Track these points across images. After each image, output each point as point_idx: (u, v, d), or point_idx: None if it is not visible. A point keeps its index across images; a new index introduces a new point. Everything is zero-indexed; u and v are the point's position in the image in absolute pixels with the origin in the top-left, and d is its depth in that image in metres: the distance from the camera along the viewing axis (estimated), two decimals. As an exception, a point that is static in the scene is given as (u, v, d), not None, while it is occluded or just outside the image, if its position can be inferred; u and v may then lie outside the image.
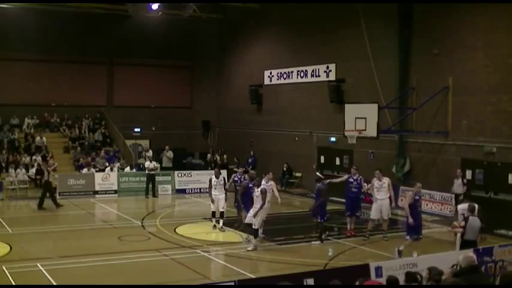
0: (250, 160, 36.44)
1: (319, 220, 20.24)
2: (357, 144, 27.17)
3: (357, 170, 21.94)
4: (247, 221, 19.53)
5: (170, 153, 36.65)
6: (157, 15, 40.52)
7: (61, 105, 39.80)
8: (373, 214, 20.96)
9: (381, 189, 20.82)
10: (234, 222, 22.26)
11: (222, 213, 22.17)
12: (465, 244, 15.21)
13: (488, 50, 24.35)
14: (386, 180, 20.98)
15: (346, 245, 20.08)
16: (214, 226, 22.43)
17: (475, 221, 15.51)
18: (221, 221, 22.20)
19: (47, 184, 27.34)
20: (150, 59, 41.59)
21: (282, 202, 22.14)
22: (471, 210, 15.74)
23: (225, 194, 22.33)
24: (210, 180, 22.41)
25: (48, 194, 27.15)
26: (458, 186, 23.84)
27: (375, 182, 20.99)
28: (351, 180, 21.72)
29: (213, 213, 22.42)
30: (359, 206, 21.91)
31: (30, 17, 37.48)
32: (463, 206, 17.06)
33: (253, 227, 19.15)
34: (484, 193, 23.50)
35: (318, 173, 22.54)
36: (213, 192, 22.21)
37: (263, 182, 20.19)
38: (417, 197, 19.19)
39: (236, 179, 22.90)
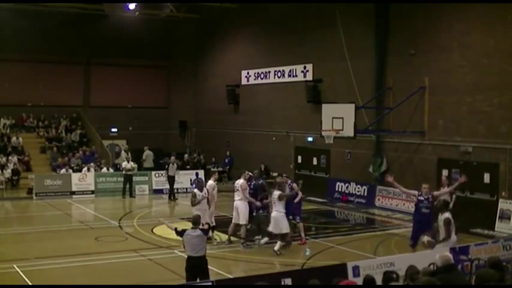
0: (226, 160, 36.33)
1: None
2: (334, 144, 27.22)
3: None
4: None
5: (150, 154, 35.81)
6: (134, 15, 40.29)
7: (37, 106, 39.53)
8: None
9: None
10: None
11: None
12: None
13: (464, 50, 24.53)
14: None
15: (324, 245, 20.13)
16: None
17: None
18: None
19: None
20: (127, 59, 41.45)
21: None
22: None
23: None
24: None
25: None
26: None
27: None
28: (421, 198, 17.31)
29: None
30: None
31: (6, 16, 37.08)
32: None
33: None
34: (460, 192, 23.63)
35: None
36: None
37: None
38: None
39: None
